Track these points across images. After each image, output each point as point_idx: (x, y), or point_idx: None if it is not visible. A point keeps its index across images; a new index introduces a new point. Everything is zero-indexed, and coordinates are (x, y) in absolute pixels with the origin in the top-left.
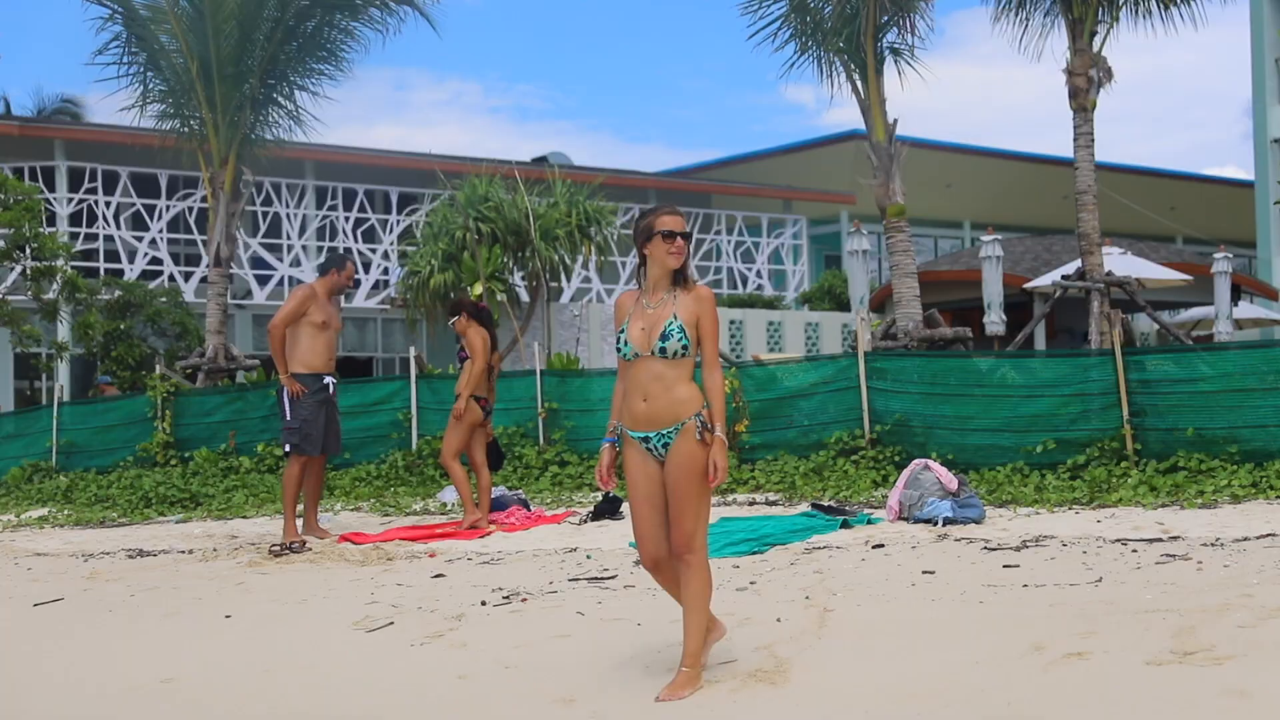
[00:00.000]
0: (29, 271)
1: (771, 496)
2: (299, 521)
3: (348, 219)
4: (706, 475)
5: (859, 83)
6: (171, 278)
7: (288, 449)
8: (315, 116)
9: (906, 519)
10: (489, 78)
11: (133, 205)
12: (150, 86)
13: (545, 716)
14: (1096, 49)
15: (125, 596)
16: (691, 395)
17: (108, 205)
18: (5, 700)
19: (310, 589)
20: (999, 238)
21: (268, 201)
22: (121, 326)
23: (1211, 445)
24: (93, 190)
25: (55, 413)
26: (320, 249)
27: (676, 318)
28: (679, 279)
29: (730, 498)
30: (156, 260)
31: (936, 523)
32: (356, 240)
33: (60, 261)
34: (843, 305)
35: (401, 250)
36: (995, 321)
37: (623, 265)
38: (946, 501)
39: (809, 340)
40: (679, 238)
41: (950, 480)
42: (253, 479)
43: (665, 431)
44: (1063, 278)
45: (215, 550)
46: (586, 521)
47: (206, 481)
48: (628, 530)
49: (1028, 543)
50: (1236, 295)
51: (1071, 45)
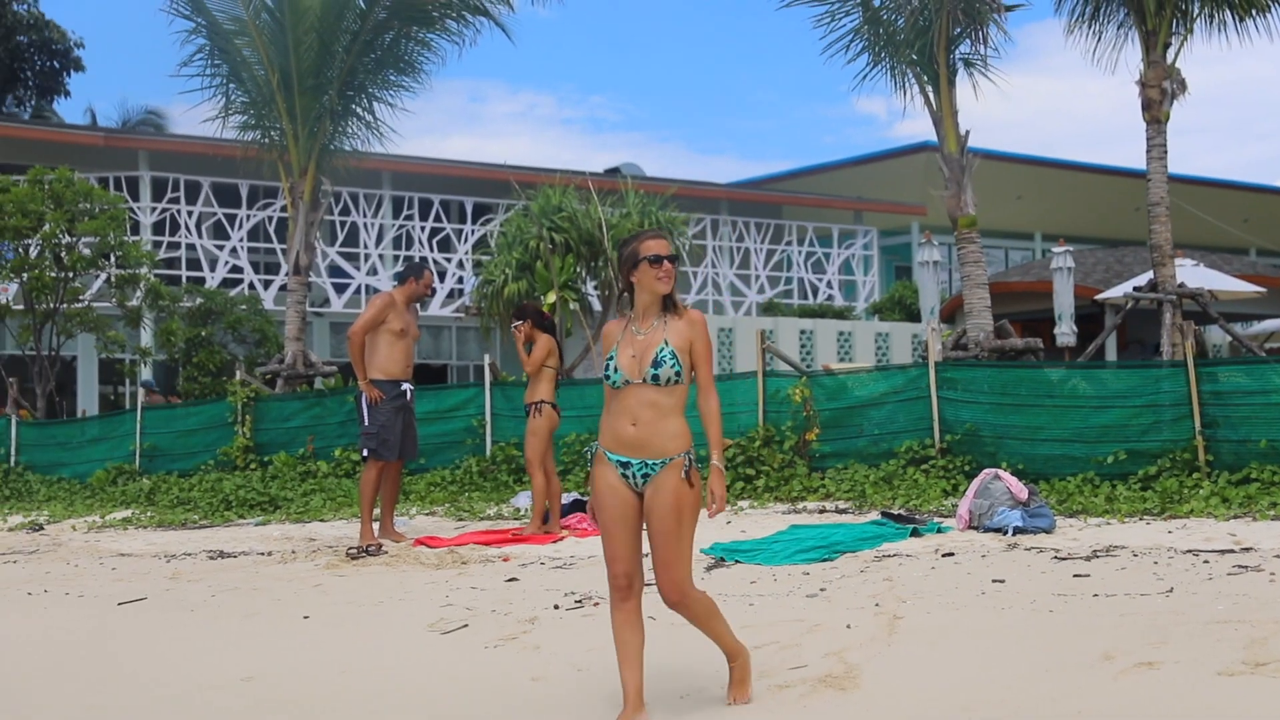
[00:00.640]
0: (114, 279)
1: (841, 505)
2: (375, 525)
3: (423, 228)
4: (692, 513)
5: (931, 94)
6: (251, 285)
7: (365, 454)
8: (392, 127)
9: (976, 528)
10: (563, 90)
11: (214, 214)
12: (232, 98)
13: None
14: (1170, 61)
15: (206, 596)
16: (682, 431)
17: (190, 214)
18: (91, 696)
19: (386, 591)
20: (1070, 249)
21: (345, 211)
22: (203, 333)
23: None
24: (175, 200)
25: (139, 417)
26: (396, 258)
27: (668, 343)
28: (668, 305)
29: (800, 506)
30: (237, 268)
31: (1006, 532)
32: (432, 249)
33: (144, 269)
34: (913, 316)
35: (476, 259)
36: (1066, 333)
37: (694, 275)
38: (1017, 511)
39: (879, 350)
40: (665, 262)
41: (1020, 490)
42: (330, 483)
43: (651, 463)
44: (1134, 289)
45: (294, 552)
46: None
47: (285, 485)
48: (699, 537)
49: (1098, 553)
50: None
51: (1145, 57)
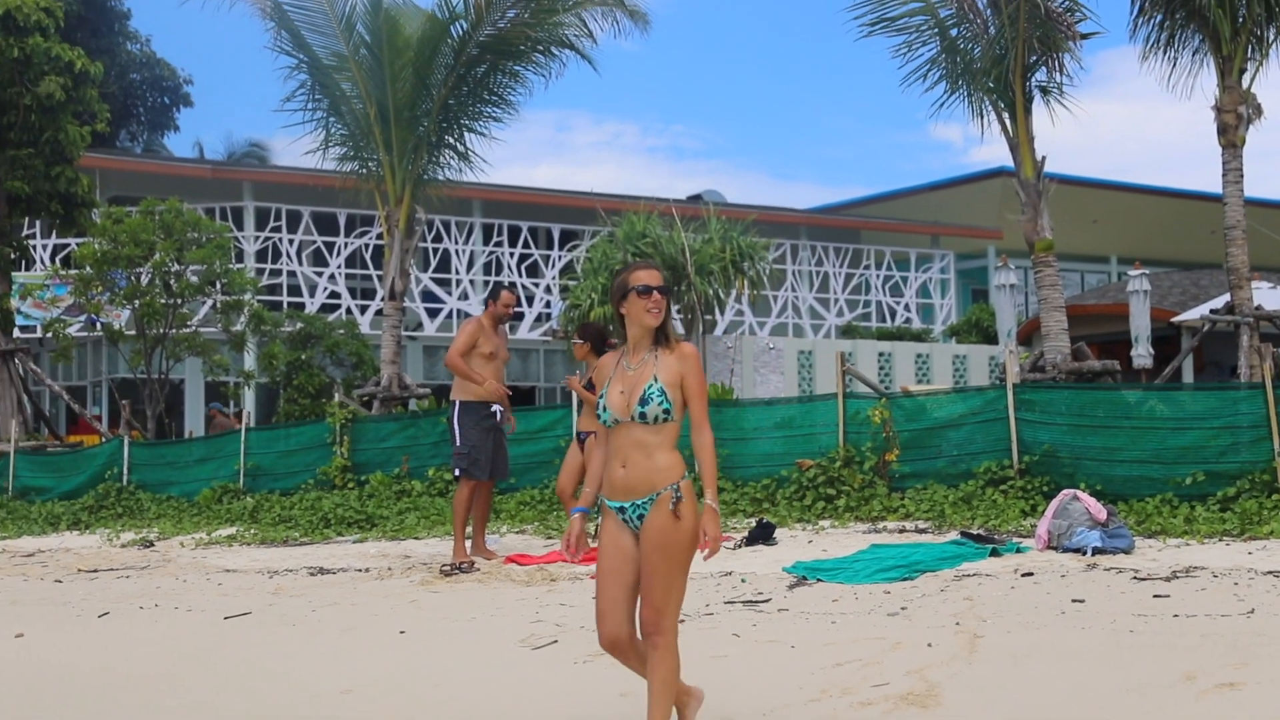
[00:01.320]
0: (219, 305)
1: (921, 524)
2: (468, 543)
3: (512, 254)
4: (681, 549)
5: (1007, 121)
6: (349, 310)
7: (457, 473)
8: (483, 157)
9: (1055, 548)
10: (646, 119)
11: (314, 242)
12: (332, 131)
13: None
14: (1245, 86)
15: (307, 611)
16: (670, 464)
17: (291, 243)
18: (197, 708)
19: (478, 607)
20: (1146, 272)
21: (438, 238)
22: (303, 356)
23: None
24: (277, 229)
25: (243, 438)
26: (486, 283)
27: (657, 379)
28: (660, 338)
29: (880, 525)
30: (335, 294)
31: (1085, 552)
32: (520, 275)
33: (248, 295)
34: (990, 338)
35: (563, 284)
36: (1143, 355)
37: (774, 299)
38: (1095, 531)
39: (956, 372)
40: (655, 292)
41: (1099, 510)
42: (424, 502)
43: (640, 502)
44: (1211, 312)
45: (390, 569)
46: (741, 546)
47: (381, 504)
48: (782, 555)
49: (1178, 573)
50: None
51: (1220, 82)
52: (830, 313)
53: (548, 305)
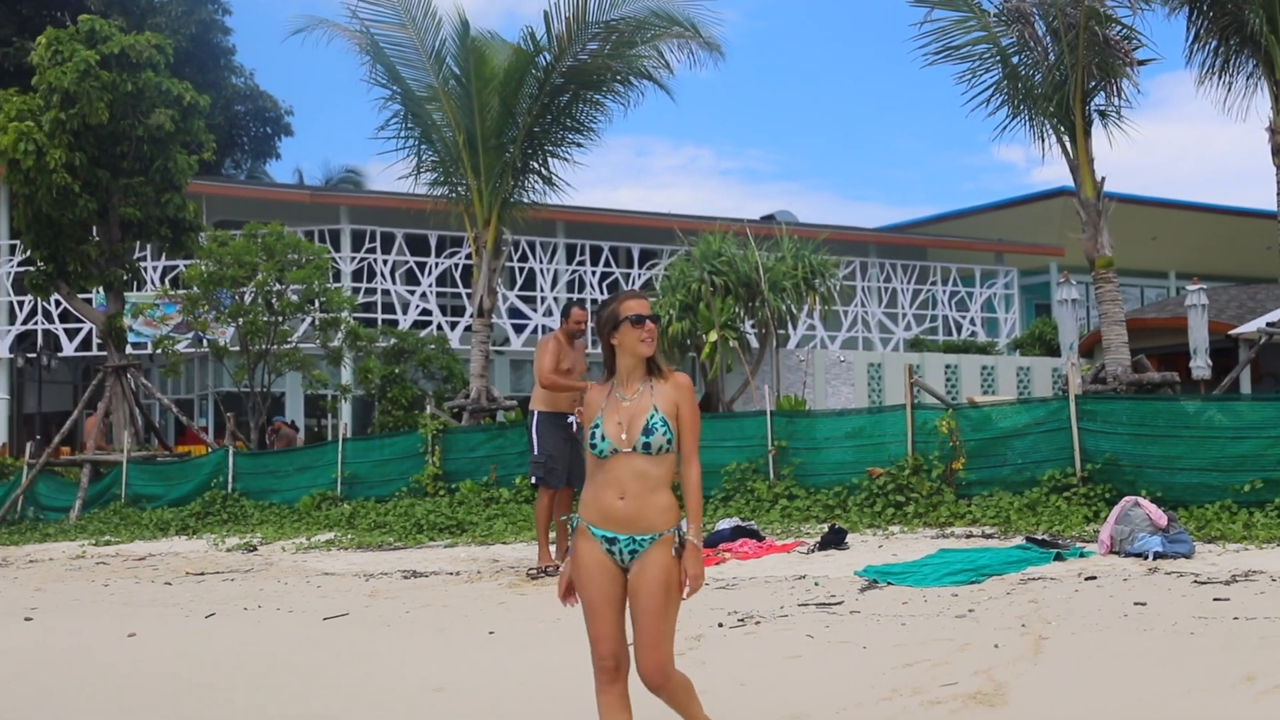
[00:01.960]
0: (318, 322)
1: (987, 530)
2: (551, 548)
3: (594, 273)
4: (677, 591)
5: (1068, 143)
6: (439, 327)
7: (534, 481)
8: (566, 181)
9: (1118, 553)
10: (721, 143)
11: (406, 263)
12: (423, 157)
13: None
14: None
15: (401, 612)
16: (671, 504)
17: (385, 263)
18: (297, 703)
19: (563, 609)
20: (1204, 287)
21: (524, 258)
22: (396, 371)
23: None
24: (372, 250)
25: (340, 448)
26: (570, 300)
27: (658, 410)
28: (652, 368)
29: (948, 531)
30: (426, 311)
31: (1147, 557)
32: (602, 292)
33: (344, 313)
34: (1052, 351)
35: None
36: (1201, 366)
37: (844, 314)
38: (1156, 537)
39: (1020, 384)
40: (648, 321)
41: (1160, 516)
42: (511, 508)
43: (640, 538)
44: (1268, 324)
45: (479, 572)
46: (814, 551)
47: (471, 510)
48: (854, 560)
49: (1237, 577)
50: None
51: (1274, 105)
52: (898, 327)
53: None
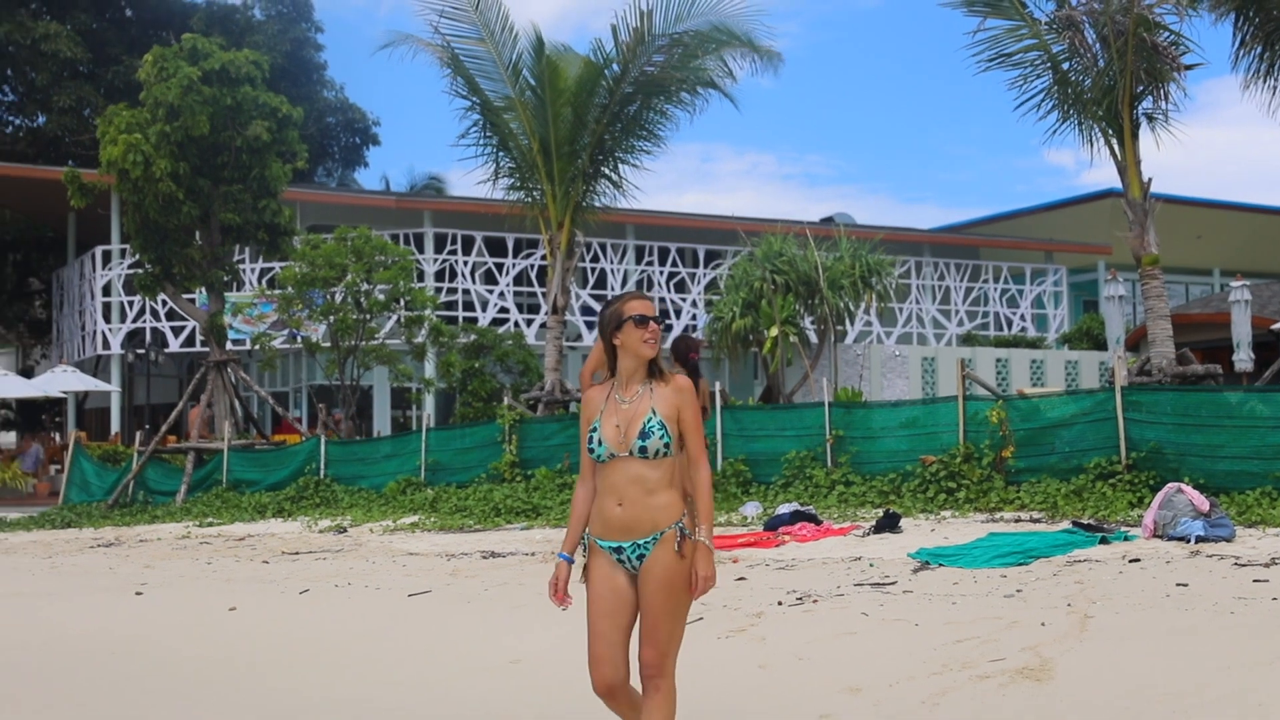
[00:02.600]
0: (403, 320)
1: (1035, 515)
2: None
3: (662, 272)
4: (686, 589)
5: (1116, 146)
6: (516, 324)
7: None
8: (635, 186)
9: (1161, 537)
10: (782, 149)
11: (485, 263)
12: (501, 164)
13: (834, 703)
14: None
15: (480, 590)
16: (671, 502)
17: (465, 264)
18: (385, 671)
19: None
20: (1247, 283)
21: (595, 258)
22: (476, 365)
23: None
24: (453, 252)
25: (424, 437)
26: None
27: (655, 413)
28: (653, 370)
29: (998, 515)
30: (504, 309)
31: (1189, 540)
32: (669, 290)
33: (428, 311)
34: (1100, 345)
35: (708, 299)
36: (1244, 359)
37: (900, 311)
38: (1199, 521)
39: (1069, 377)
40: (651, 322)
41: (1202, 502)
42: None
43: (642, 542)
44: None
45: (553, 553)
46: (869, 534)
47: (545, 495)
48: (907, 542)
49: (1276, 560)
50: None
51: None
52: (951, 323)
53: (694, 318)
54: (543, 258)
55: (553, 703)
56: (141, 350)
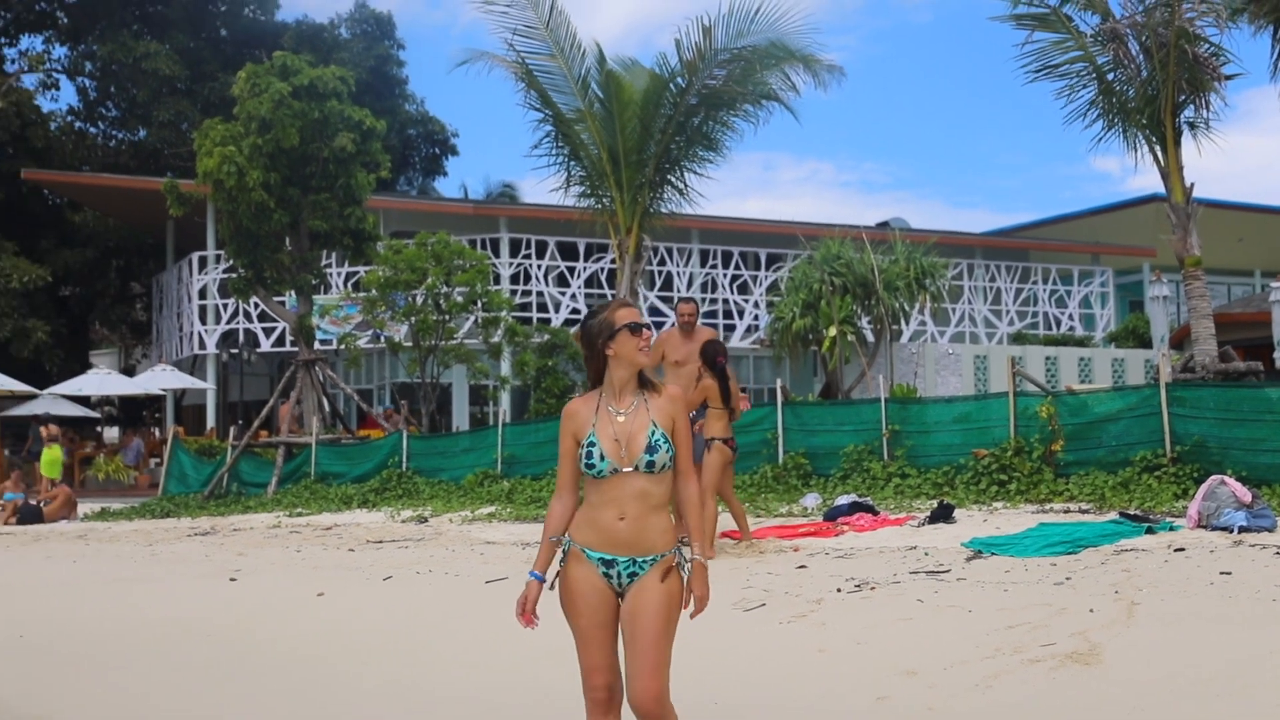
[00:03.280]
0: (480, 321)
1: (1084, 506)
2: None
3: (725, 275)
4: (677, 614)
5: (1159, 153)
6: None
7: None
8: (700, 193)
9: (1205, 527)
10: (840, 157)
11: (558, 267)
12: (572, 173)
13: (891, 685)
14: None
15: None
16: (669, 525)
17: (539, 267)
18: (465, 652)
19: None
20: None
21: (662, 262)
22: (549, 363)
23: None
24: (528, 256)
25: (500, 432)
26: (703, 300)
27: (657, 425)
28: (643, 381)
29: (1047, 506)
30: (576, 310)
31: (1232, 530)
32: (732, 292)
33: (503, 313)
34: (1145, 343)
35: (769, 300)
36: None
37: (953, 311)
38: (1241, 512)
39: (1115, 374)
40: (644, 329)
41: (1244, 493)
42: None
43: (640, 560)
44: None
45: None
46: (924, 524)
47: None
48: (960, 532)
49: None
50: None
51: None
52: (1002, 322)
53: (756, 319)
54: (612, 261)
55: None
56: (235, 350)
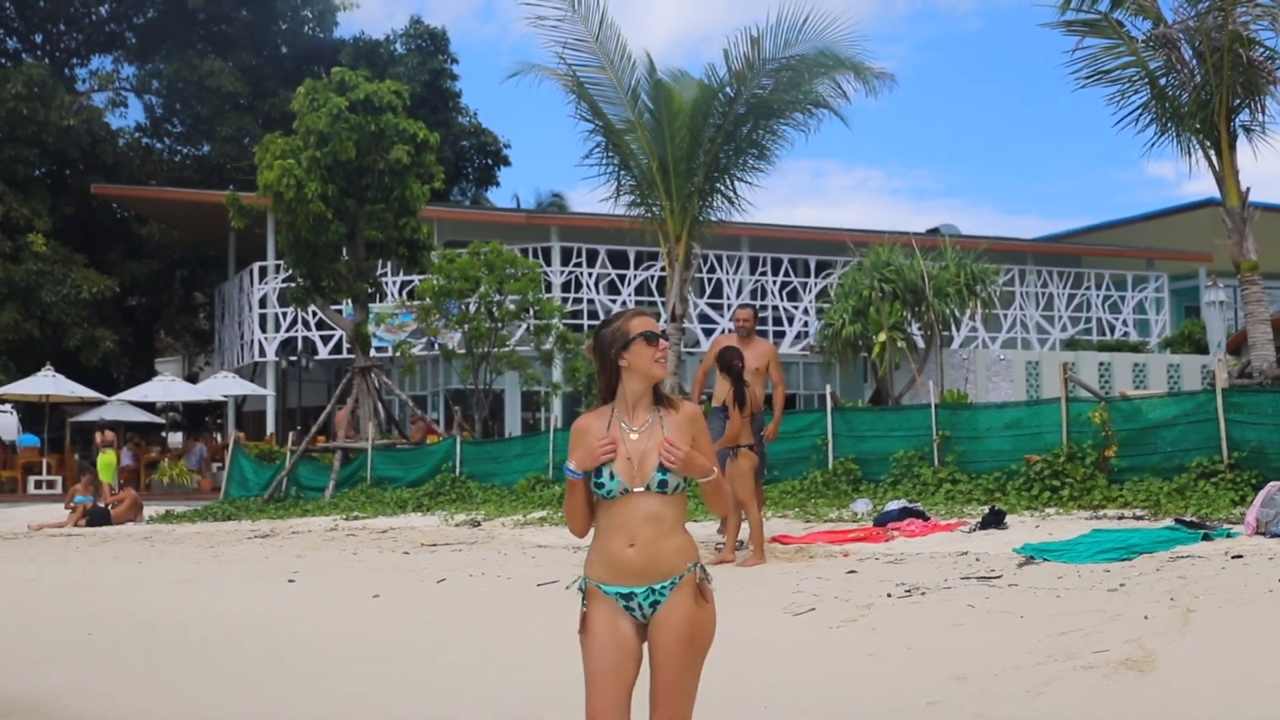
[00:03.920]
0: (532, 328)
1: (1138, 512)
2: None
3: (775, 282)
4: (705, 641)
5: (1214, 157)
6: None
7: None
8: (749, 201)
9: (1263, 534)
10: (890, 165)
11: (608, 275)
12: (622, 182)
13: (941, 690)
14: None
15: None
16: (687, 544)
17: (589, 275)
18: (517, 652)
19: (749, 580)
20: None
21: (712, 269)
22: None
23: None
24: (579, 264)
25: (551, 437)
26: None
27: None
28: (659, 396)
29: (1101, 513)
30: None
31: None
32: (781, 299)
33: (555, 320)
34: (1201, 349)
35: (819, 307)
36: None
37: (1004, 317)
38: None
39: (1171, 380)
40: (661, 339)
41: None
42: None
43: (658, 587)
44: None
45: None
46: (975, 530)
47: None
48: (1012, 538)
49: None
50: None
51: None
52: (1055, 328)
53: (805, 325)
54: (662, 269)
55: None
56: (294, 357)
